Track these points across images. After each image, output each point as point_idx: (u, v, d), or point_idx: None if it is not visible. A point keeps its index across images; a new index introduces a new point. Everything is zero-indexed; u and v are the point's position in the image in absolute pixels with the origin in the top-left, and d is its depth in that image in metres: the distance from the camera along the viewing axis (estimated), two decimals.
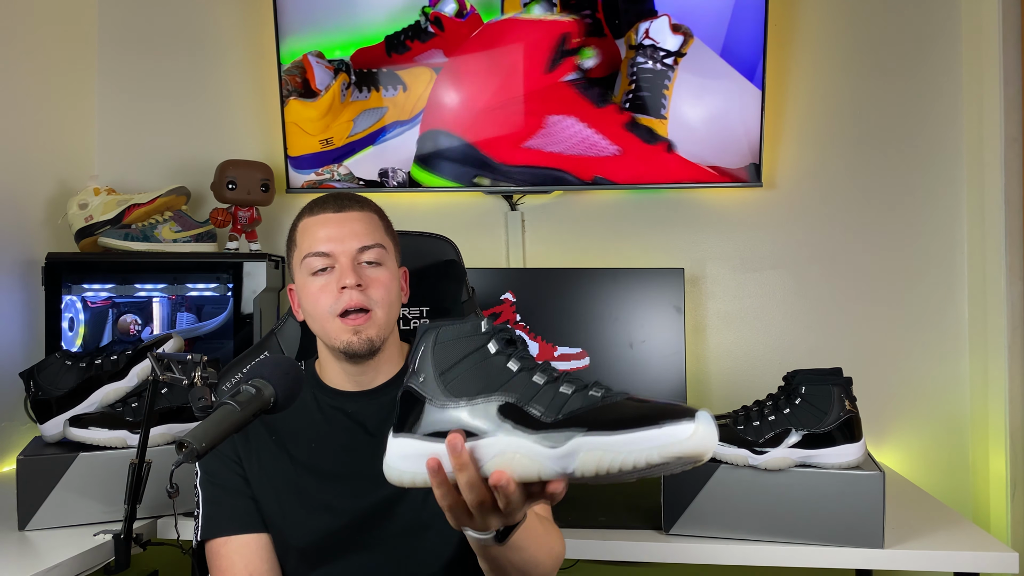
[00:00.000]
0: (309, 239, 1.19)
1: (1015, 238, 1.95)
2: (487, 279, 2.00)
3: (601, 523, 1.49)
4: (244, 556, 1.16)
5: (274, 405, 1.00)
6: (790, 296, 2.15)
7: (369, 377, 1.22)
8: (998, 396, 1.95)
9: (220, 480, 1.19)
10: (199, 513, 1.19)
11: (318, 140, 2.15)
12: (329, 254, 1.17)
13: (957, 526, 1.48)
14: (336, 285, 1.16)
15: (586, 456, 0.70)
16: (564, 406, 0.74)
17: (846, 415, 1.36)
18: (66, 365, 1.54)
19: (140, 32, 2.31)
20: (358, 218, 1.20)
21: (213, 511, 1.18)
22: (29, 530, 1.42)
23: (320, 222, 1.19)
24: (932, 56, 2.12)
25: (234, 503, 1.18)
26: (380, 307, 1.17)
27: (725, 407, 1.84)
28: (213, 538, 1.17)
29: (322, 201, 1.22)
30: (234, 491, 1.19)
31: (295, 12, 2.11)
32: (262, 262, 1.96)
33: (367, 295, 1.16)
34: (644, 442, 0.67)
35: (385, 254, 1.20)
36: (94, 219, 1.98)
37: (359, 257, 1.18)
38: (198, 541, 1.18)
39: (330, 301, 1.16)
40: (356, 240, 1.18)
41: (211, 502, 1.19)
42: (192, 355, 1.14)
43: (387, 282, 1.19)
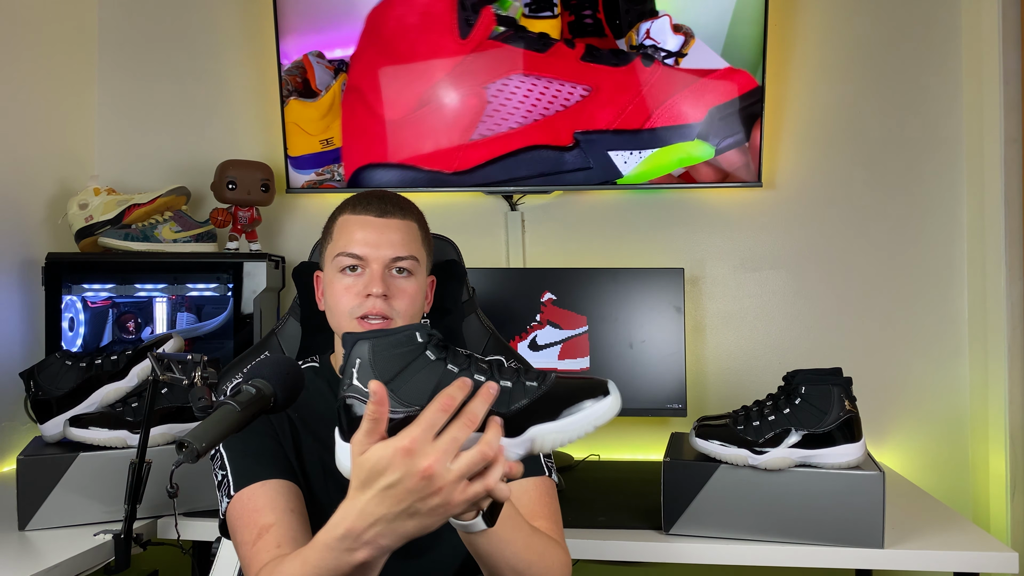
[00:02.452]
0: (346, 237, 1.19)
1: (1015, 238, 1.95)
2: (487, 279, 2.00)
3: (601, 523, 1.49)
4: (284, 495, 1.09)
5: (274, 405, 1.00)
6: (790, 296, 2.15)
7: None
8: (998, 396, 1.95)
9: (252, 435, 1.13)
10: (225, 473, 1.10)
11: (318, 140, 2.15)
12: (363, 258, 1.17)
13: (957, 526, 1.48)
14: (363, 289, 1.16)
15: (543, 440, 0.86)
16: (511, 400, 0.85)
17: (846, 415, 1.36)
18: (66, 365, 1.54)
19: (140, 32, 2.31)
20: (398, 227, 1.19)
21: (243, 464, 1.10)
22: (29, 530, 1.42)
23: (360, 223, 1.19)
24: (932, 56, 2.12)
25: (266, 452, 1.12)
26: (401, 318, 1.17)
27: (725, 407, 1.85)
28: (248, 485, 1.08)
29: (367, 201, 1.21)
30: (265, 446, 1.13)
31: (295, 12, 2.11)
32: (262, 262, 1.96)
33: (390, 305, 1.16)
34: (584, 420, 0.86)
35: (417, 265, 1.20)
36: (94, 219, 1.98)
37: (391, 266, 1.18)
38: (228, 498, 1.09)
39: (353, 303, 1.16)
40: (392, 249, 1.18)
41: (240, 455, 1.11)
42: (192, 355, 1.14)
43: (413, 294, 1.19)
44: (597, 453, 2.09)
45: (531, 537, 1.02)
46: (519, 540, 0.98)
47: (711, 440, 1.39)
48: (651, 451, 2.11)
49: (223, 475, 1.12)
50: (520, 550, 0.98)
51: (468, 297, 1.51)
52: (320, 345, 1.36)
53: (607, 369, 1.98)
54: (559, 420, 0.86)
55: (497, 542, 0.93)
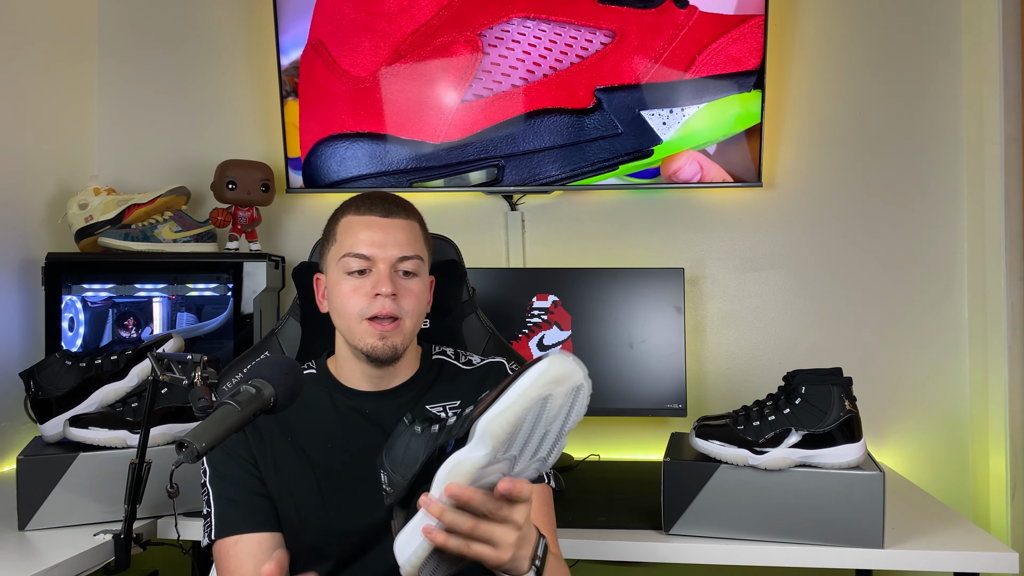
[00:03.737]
0: (351, 238, 1.19)
1: (1015, 238, 1.95)
2: (487, 279, 2.00)
3: (601, 523, 1.49)
4: (255, 555, 1.15)
5: (274, 405, 1.00)
6: (790, 296, 2.15)
7: (387, 379, 1.23)
8: (998, 396, 1.95)
9: (233, 478, 1.19)
10: (210, 512, 1.18)
11: None
12: (370, 258, 1.18)
13: (957, 526, 1.48)
14: (371, 290, 1.17)
15: (488, 428, 0.84)
16: (464, 419, 0.89)
17: (846, 415, 1.36)
18: (66, 365, 1.54)
19: (140, 32, 2.31)
20: (403, 226, 1.20)
21: (226, 509, 1.17)
22: (29, 530, 1.42)
23: (365, 224, 1.19)
24: (932, 56, 2.12)
25: (248, 501, 1.18)
26: (410, 317, 1.18)
27: (725, 407, 1.84)
28: (227, 536, 1.16)
29: (369, 201, 1.22)
30: (248, 489, 1.18)
31: (295, 12, 2.11)
32: (262, 262, 1.96)
33: (399, 304, 1.17)
34: (520, 390, 0.83)
35: (421, 265, 1.21)
36: (94, 219, 1.98)
37: (398, 266, 1.18)
38: (210, 539, 1.17)
39: (362, 304, 1.17)
40: (398, 249, 1.18)
41: (223, 500, 1.18)
42: (192, 355, 1.14)
43: (419, 293, 1.20)
44: (597, 453, 2.09)
45: (558, 571, 1.04)
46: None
47: (711, 440, 1.39)
48: (651, 451, 2.11)
49: (208, 511, 1.18)
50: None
51: (468, 297, 1.51)
52: (318, 348, 1.35)
53: (607, 369, 1.98)
54: (495, 403, 0.85)
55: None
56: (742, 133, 1.99)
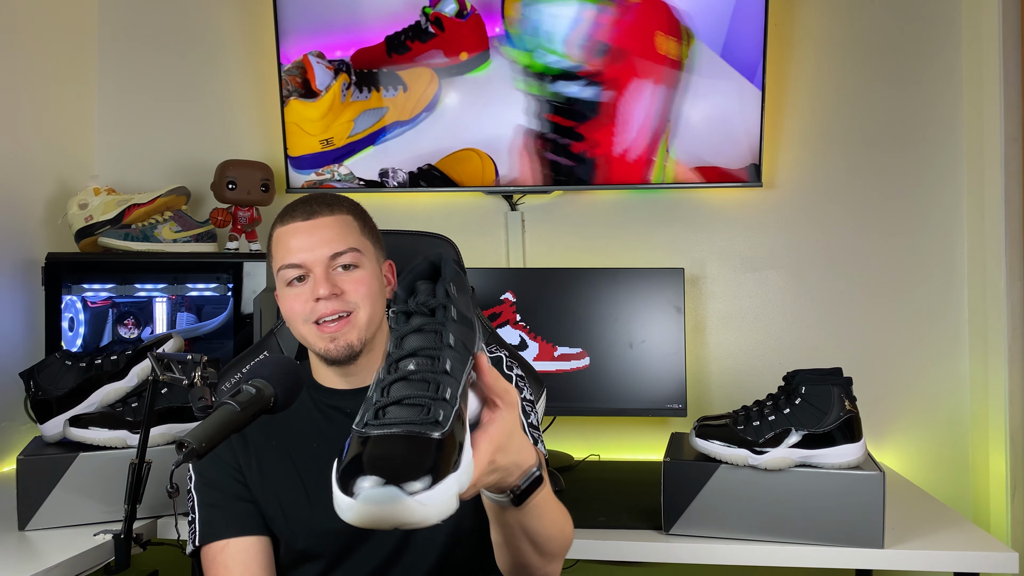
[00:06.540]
0: (282, 250, 1.19)
1: (1015, 238, 1.95)
2: (487, 279, 2.00)
3: (601, 523, 1.49)
4: (241, 561, 1.15)
5: (274, 405, 1.00)
6: (790, 296, 2.15)
7: (361, 376, 1.22)
8: (998, 396, 1.95)
9: (217, 484, 1.19)
10: (195, 518, 1.18)
11: (318, 140, 2.15)
12: (301, 264, 1.17)
13: (957, 526, 1.48)
14: (310, 295, 1.16)
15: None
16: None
17: (846, 415, 1.36)
18: (66, 365, 1.54)
19: (140, 32, 2.31)
20: (328, 223, 1.19)
21: (210, 515, 1.18)
22: (29, 530, 1.42)
23: (290, 232, 1.19)
24: (932, 56, 2.12)
25: (232, 506, 1.18)
26: (362, 306, 1.18)
27: (725, 407, 1.84)
28: (211, 542, 1.16)
29: (292, 208, 1.21)
30: (232, 495, 1.18)
31: (295, 12, 2.11)
32: (262, 262, 1.96)
33: (344, 300, 1.17)
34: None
35: (360, 256, 1.19)
36: (94, 219, 1.98)
37: (332, 264, 1.17)
38: (195, 545, 1.18)
39: (304, 311, 1.17)
40: (327, 247, 1.17)
41: (208, 506, 1.18)
42: (192, 355, 1.14)
43: (366, 280, 1.19)
44: (597, 453, 2.09)
45: (556, 512, 0.98)
46: (546, 518, 0.94)
47: (711, 440, 1.39)
48: (651, 451, 2.11)
49: (192, 517, 1.19)
50: (545, 528, 0.95)
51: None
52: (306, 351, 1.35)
53: (607, 369, 1.98)
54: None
55: (524, 515, 0.90)
56: (742, 134, 2.00)
